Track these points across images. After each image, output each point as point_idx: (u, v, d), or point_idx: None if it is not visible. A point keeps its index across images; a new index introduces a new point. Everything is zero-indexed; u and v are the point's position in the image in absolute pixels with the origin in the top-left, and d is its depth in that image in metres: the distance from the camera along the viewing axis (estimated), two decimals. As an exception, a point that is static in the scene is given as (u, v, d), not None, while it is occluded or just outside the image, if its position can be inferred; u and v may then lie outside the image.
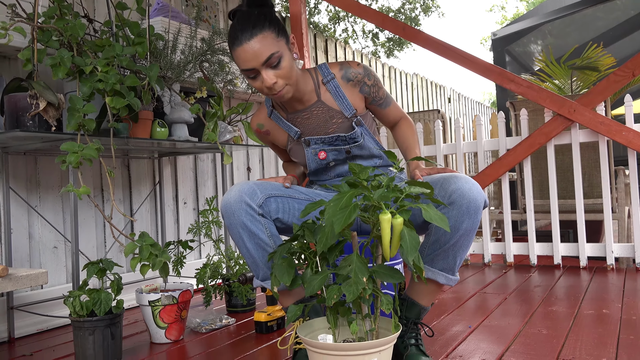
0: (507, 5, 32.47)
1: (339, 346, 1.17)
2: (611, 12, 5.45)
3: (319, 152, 1.59)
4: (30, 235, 2.21)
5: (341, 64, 1.59)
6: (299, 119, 1.59)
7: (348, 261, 1.15)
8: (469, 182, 1.36)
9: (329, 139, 1.57)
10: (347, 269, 1.13)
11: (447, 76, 53.75)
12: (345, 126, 1.58)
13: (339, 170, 1.64)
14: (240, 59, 1.40)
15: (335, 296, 1.16)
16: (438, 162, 3.47)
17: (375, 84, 1.61)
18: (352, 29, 11.19)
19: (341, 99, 1.57)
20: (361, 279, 1.12)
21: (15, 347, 1.98)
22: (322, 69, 1.59)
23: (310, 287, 1.19)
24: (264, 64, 1.39)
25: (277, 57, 1.39)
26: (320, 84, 1.57)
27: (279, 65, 1.41)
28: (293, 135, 1.60)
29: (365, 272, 1.13)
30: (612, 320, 1.89)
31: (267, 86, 1.42)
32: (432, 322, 1.99)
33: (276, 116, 1.63)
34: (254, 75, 1.42)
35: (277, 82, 1.41)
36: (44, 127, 1.79)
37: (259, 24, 1.38)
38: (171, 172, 2.91)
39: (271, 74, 1.40)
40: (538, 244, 3.16)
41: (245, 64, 1.40)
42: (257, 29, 1.38)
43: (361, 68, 1.58)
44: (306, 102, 1.56)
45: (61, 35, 1.78)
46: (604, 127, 2.88)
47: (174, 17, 2.42)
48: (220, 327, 2.09)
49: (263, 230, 1.42)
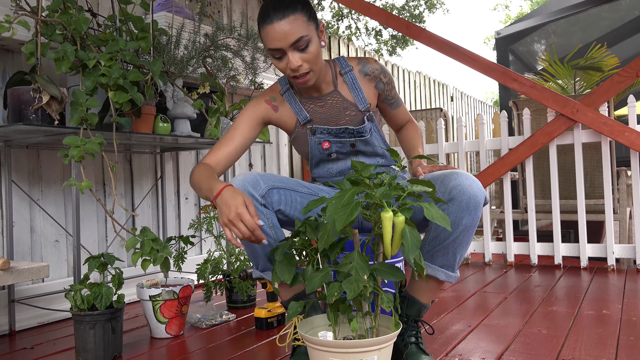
0: (511, 4, 32.40)
1: (339, 343, 1.17)
2: (616, 12, 5.43)
3: (323, 142, 1.59)
4: (32, 228, 2.21)
5: (359, 59, 1.60)
6: (312, 105, 1.58)
7: (349, 259, 1.15)
8: (469, 178, 1.36)
9: (336, 130, 1.57)
10: (349, 267, 1.14)
11: (450, 75, 53.70)
12: (358, 119, 1.58)
13: (342, 166, 1.63)
14: (268, 37, 1.38)
15: (335, 293, 1.16)
16: (440, 161, 3.47)
17: (389, 82, 1.63)
18: (356, 26, 11.17)
19: (357, 91, 1.57)
20: (362, 277, 1.12)
21: (16, 340, 1.98)
22: (340, 61, 1.59)
23: (311, 285, 1.19)
24: (291, 46, 1.38)
25: (305, 41, 1.38)
26: (338, 74, 1.58)
27: (307, 49, 1.40)
28: (301, 119, 1.58)
29: (367, 269, 1.13)
30: (612, 321, 1.89)
31: (291, 68, 1.40)
32: (432, 321, 1.99)
33: (290, 95, 1.59)
34: (279, 55, 1.41)
35: (302, 66, 1.40)
36: (46, 121, 1.80)
37: (292, 5, 1.37)
38: (173, 168, 2.91)
39: (297, 57, 1.39)
40: (539, 244, 3.16)
41: (274, 42, 1.38)
42: (290, 9, 1.36)
43: (378, 65, 1.61)
44: (322, 91, 1.56)
45: (65, 29, 1.78)
46: (606, 127, 2.87)
47: (178, 12, 2.42)
48: (220, 323, 2.09)
49: (265, 220, 1.42)
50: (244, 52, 2.39)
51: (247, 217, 1.23)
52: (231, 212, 1.23)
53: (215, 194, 1.30)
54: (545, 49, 5.71)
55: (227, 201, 1.26)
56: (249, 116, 1.56)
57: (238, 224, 1.23)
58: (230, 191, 1.28)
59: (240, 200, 1.25)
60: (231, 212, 1.23)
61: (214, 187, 1.32)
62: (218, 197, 1.29)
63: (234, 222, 1.23)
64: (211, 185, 1.34)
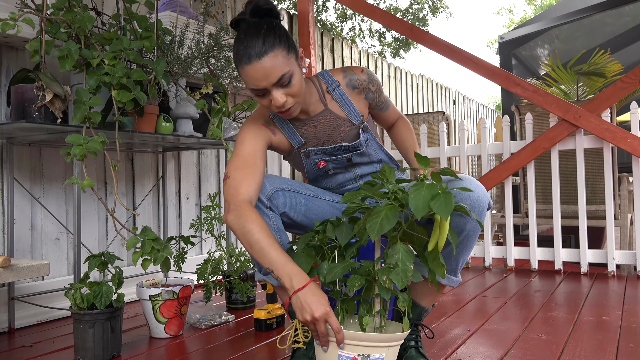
0: (514, 8, 32.38)
1: (351, 334, 1.20)
2: (620, 18, 5.43)
3: (319, 162, 1.55)
4: (32, 226, 2.21)
5: (344, 71, 1.54)
6: (305, 126, 1.52)
7: (394, 250, 1.19)
8: (474, 183, 1.36)
9: (330, 149, 1.53)
10: (395, 258, 1.18)
11: (453, 78, 53.71)
12: (353, 134, 1.54)
13: (340, 179, 1.60)
14: (249, 77, 1.31)
15: (357, 284, 1.21)
16: (442, 165, 3.46)
17: (378, 89, 1.58)
18: (360, 27, 11.18)
19: (348, 106, 1.52)
20: (409, 267, 1.16)
21: (15, 337, 1.98)
22: (324, 76, 1.53)
23: (331, 274, 1.23)
24: (275, 84, 1.32)
25: (288, 77, 1.32)
26: (325, 92, 1.52)
27: (290, 84, 1.33)
28: (295, 144, 1.53)
29: (412, 260, 1.18)
30: (612, 328, 1.89)
31: (276, 105, 1.35)
32: (431, 325, 1.99)
33: (281, 119, 1.52)
34: (262, 94, 1.35)
35: (286, 101, 1.35)
36: (49, 119, 1.80)
37: (268, 41, 1.29)
38: (175, 167, 2.91)
39: (281, 93, 1.33)
40: (539, 249, 3.16)
41: (255, 83, 1.31)
42: (267, 45, 1.28)
43: (365, 74, 1.54)
44: (311, 112, 1.50)
45: (69, 27, 1.78)
46: (609, 133, 2.87)
47: (182, 12, 2.42)
48: (219, 324, 2.09)
49: (270, 223, 1.42)
50: (247, 53, 2.39)
51: (334, 320, 1.19)
52: (318, 311, 1.18)
53: (299, 287, 1.21)
54: (549, 54, 5.71)
55: (316, 299, 1.20)
56: (260, 144, 1.45)
57: (321, 324, 1.19)
58: (316, 288, 1.23)
59: (326, 299, 1.21)
60: (318, 311, 1.18)
61: (294, 276, 1.23)
62: (302, 291, 1.21)
63: (319, 321, 1.19)
64: (287, 267, 1.24)
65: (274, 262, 1.24)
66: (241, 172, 1.37)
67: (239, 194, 1.33)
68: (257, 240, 1.26)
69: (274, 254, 1.25)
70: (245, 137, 1.44)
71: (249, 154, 1.41)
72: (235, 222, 1.30)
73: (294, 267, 1.24)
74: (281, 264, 1.24)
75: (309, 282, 1.22)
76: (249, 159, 1.40)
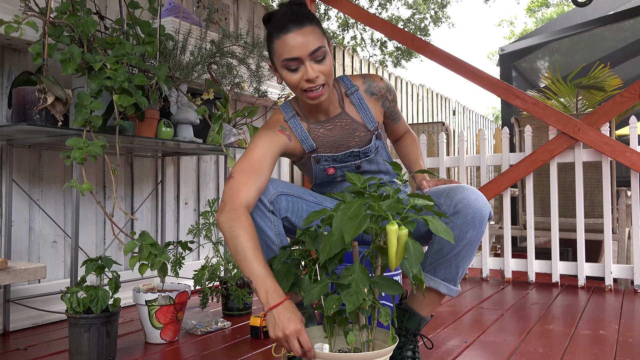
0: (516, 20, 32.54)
1: (336, 356, 1.17)
2: (619, 33, 5.46)
3: (328, 169, 1.56)
4: (30, 228, 2.21)
5: (364, 77, 1.56)
6: (322, 129, 1.53)
7: (350, 271, 1.15)
8: (475, 192, 1.37)
9: (341, 156, 1.54)
10: (349, 279, 1.13)
11: (453, 88, 53.86)
12: (366, 140, 1.55)
13: (346, 187, 1.61)
14: (286, 45, 1.34)
15: (334, 306, 1.16)
16: (441, 175, 3.47)
17: (394, 99, 1.61)
18: (361, 36, 11.22)
19: (365, 111, 1.54)
20: (362, 290, 1.12)
21: (10, 340, 1.97)
22: (344, 80, 1.55)
23: (309, 296, 1.19)
24: (310, 55, 1.35)
25: (323, 52, 1.36)
26: (344, 95, 1.54)
27: (323, 61, 1.37)
28: (306, 148, 1.53)
29: (367, 282, 1.13)
30: (608, 342, 1.88)
31: (308, 78, 1.36)
32: (428, 335, 1.98)
33: (296, 122, 1.52)
34: (295, 67, 1.36)
35: (318, 77, 1.37)
36: (50, 122, 1.80)
37: (308, 18, 1.36)
38: (174, 172, 2.91)
39: (315, 67, 1.36)
40: (537, 261, 3.16)
41: (292, 51, 1.34)
42: (307, 21, 1.35)
43: (384, 83, 1.57)
44: (330, 113, 1.52)
45: (72, 31, 1.79)
46: (607, 147, 2.88)
47: (185, 18, 2.43)
48: (215, 330, 2.08)
49: (271, 227, 1.42)
50: (249, 60, 2.40)
51: (305, 338, 1.19)
52: (288, 328, 1.18)
53: (274, 305, 1.21)
54: (549, 67, 5.73)
55: (288, 316, 1.19)
56: (272, 152, 1.45)
57: (293, 341, 1.18)
58: (290, 306, 1.22)
59: (299, 317, 1.21)
60: (288, 328, 1.18)
61: (271, 292, 1.22)
62: (276, 308, 1.20)
63: (290, 338, 1.18)
64: (265, 282, 1.23)
65: (255, 274, 1.24)
66: (245, 175, 1.37)
67: (238, 196, 1.33)
68: (243, 248, 1.27)
69: (256, 266, 1.25)
70: (258, 143, 1.45)
71: (258, 159, 1.41)
72: (226, 224, 1.30)
73: (273, 283, 1.23)
74: (261, 277, 1.23)
75: (284, 300, 1.21)
76: (256, 163, 1.40)
